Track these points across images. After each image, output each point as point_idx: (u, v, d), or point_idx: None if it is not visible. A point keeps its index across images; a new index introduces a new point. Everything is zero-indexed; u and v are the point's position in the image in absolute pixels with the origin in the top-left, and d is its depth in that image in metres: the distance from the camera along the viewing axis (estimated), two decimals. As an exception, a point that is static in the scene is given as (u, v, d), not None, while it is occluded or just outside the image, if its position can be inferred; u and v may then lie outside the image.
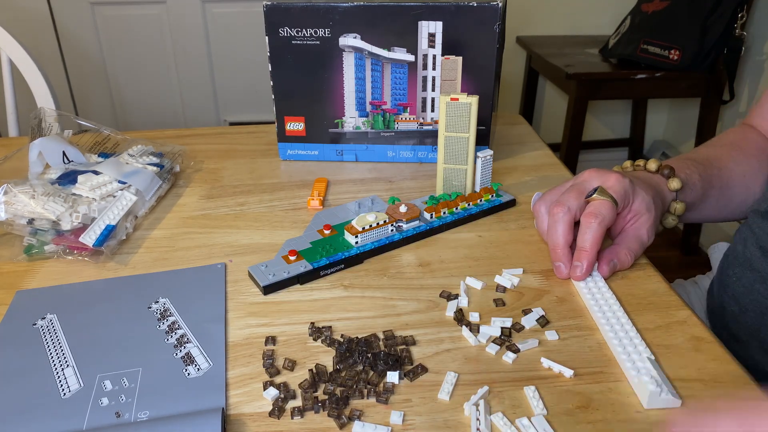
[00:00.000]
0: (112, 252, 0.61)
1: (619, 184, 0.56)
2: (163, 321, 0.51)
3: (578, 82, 1.75)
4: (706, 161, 0.67)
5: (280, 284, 0.56)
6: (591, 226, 0.54)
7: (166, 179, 0.73)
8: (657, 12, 1.78)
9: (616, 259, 0.57)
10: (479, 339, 0.49)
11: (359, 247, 0.60)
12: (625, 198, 0.56)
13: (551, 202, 0.58)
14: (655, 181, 0.62)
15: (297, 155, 0.82)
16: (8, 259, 0.61)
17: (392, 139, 0.80)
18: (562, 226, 0.56)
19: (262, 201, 0.72)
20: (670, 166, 0.62)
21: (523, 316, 0.52)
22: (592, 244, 0.54)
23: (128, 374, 0.46)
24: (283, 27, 0.73)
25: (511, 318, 0.52)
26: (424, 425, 0.42)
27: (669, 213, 0.63)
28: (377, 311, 0.53)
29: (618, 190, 0.56)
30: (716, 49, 1.69)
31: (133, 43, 2.04)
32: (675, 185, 0.61)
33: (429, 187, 0.75)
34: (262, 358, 0.48)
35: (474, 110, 0.65)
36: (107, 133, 0.80)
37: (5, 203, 0.61)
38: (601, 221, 0.54)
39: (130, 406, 0.43)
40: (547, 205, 0.59)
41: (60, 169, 0.70)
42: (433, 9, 0.71)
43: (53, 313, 0.52)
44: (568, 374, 0.46)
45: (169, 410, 0.43)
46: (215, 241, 0.64)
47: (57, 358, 0.48)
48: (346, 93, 0.77)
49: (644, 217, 0.58)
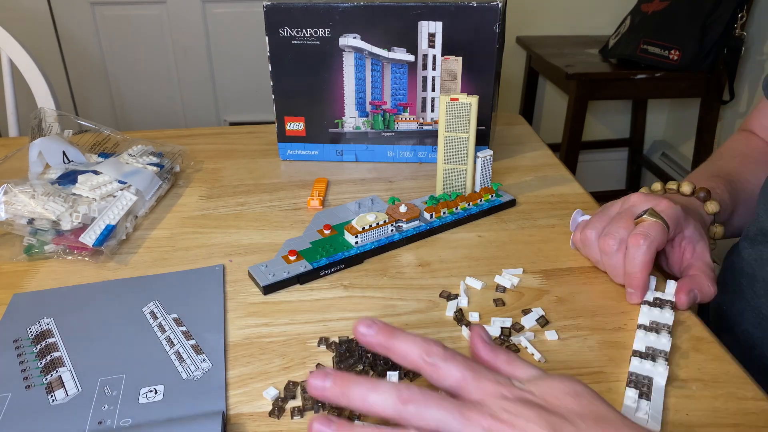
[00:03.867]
0: (112, 252, 0.61)
1: (671, 209, 0.53)
2: (161, 323, 0.51)
3: (578, 82, 1.75)
4: (730, 176, 0.65)
5: (280, 284, 0.56)
6: (640, 247, 0.50)
7: (166, 179, 0.73)
8: (657, 12, 1.78)
9: (698, 289, 0.52)
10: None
11: (359, 247, 0.60)
12: (677, 224, 0.53)
13: (600, 231, 0.55)
14: (693, 205, 0.59)
15: (297, 155, 0.82)
16: (8, 259, 0.61)
17: (392, 139, 0.80)
18: (617, 260, 0.52)
19: (262, 201, 0.72)
20: (706, 189, 0.59)
21: (523, 316, 0.52)
22: (641, 267, 0.50)
23: (127, 377, 0.46)
24: (283, 27, 0.74)
25: (511, 318, 0.51)
26: (424, 425, 0.42)
27: (708, 238, 0.59)
28: (377, 311, 0.53)
29: (670, 214, 0.52)
30: (716, 49, 1.69)
31: (133, 43, 2.04)
32: (713, 208, 0.59)
33: (429, 187, 0.75)
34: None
35: (474, 110, 0.65)
36: (107, 133, 0.80)
37: (5, 203, 0.61)
38: (651, 242, 0.50)
39: (127, 410, 0.43)
40: (598, 233, 0.55)
41: (60, 169, 0.70)
42: (433, 9, 0.71)
43: (50, 317, 0.52)
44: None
45: (169, 413, 0.43)
46: (215, 241, 0.64)
47: (53, 363, 0.48)
48: (346, 93, 0.77)
49: (701, 244, 0.54)
